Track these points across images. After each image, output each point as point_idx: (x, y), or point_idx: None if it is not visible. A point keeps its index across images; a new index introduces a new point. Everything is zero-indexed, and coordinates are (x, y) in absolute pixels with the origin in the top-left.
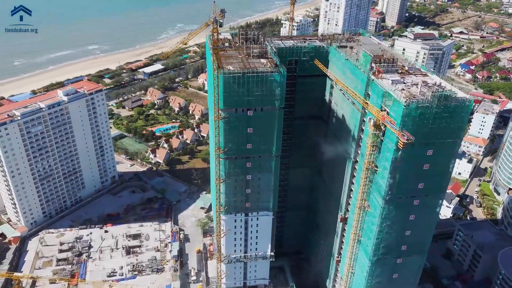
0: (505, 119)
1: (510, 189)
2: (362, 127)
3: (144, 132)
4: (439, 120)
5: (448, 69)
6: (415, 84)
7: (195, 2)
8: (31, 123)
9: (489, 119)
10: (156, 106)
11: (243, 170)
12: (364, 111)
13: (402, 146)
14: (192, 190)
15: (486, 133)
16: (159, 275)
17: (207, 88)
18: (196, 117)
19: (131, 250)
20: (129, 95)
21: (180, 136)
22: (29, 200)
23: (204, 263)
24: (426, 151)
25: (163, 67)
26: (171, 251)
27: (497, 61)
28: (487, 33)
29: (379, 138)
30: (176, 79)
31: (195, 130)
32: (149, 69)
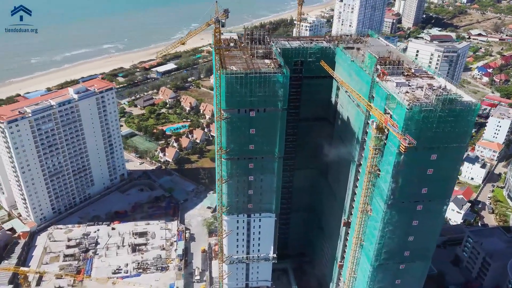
0: None
1: None
2: (366, 130)
3: (155, 130)
4: (444, 124)
5: (464, 72)
6: (420, 87)
7: (210, 2)
8: (41, 120)
9: (504, 124)
10: (167, 105)
11: (245, 171)
12: (368, 114)
13: (403, 150)
14: (199, 190)
15: (501, 138)
16: (163, 273)
17: None
18: (207, 116)
19: (137, 248)
20: (141, 94)
21: (190, 136)
22: (38, 196)
23: (208, 262)
24: (430, 156)
25: (176, 66)
26: (176, 250)
27: None
28: (506, 35)
29: (382, 141)
30: (189, 79)
31: (205, 129)
32: (162, 68)
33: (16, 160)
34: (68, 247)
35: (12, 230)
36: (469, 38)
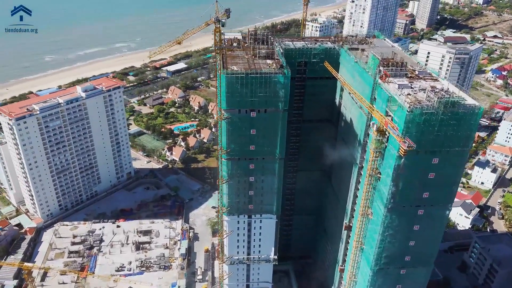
0: None
1: None
2: (368, 132)
3: (163, 129)
4: (446, 127)
5: (478, 74)
6: (423, 89)
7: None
8: (49, 117)
9: None
10: (176, 105)
11: (246, 171)
12: (371, 116)
13: (403, 153)
14: (205, 189)
15: None
16: (166, 272)
17: None
18: (215, 116)
19: (141, 246)
20: (151, 93)
21: (197, 135)
22: (45, 193)
23: (211, 262)
24: (431, 159)
25: (186, 66)
26: (179, 249)
27: None
28: None
29: (383, 144)
30: (198, 78)
31: (213, 129)
32: (172, 67)
33: (24, 156)
34: (73, 243)
35: (19, 225)
36: (484, 40)
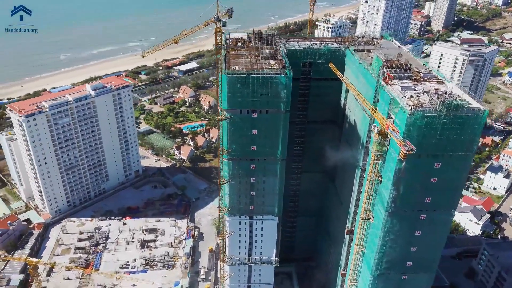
0: None
1: None
2: (371, 135)
3: (172, 128)
4: (448, 131)
5: (494, 77)
6: (426, 92)
7: (238, 2)
8: (58, 115)
9: None
10: (187, 104)
11: (248, 172)
12: (373, 118)
13: (403, 157)
14: (212, 189)
15: None
16: (170, 271)
17: None
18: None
19: (146, 244)
20: (162, 92)
21: (206, 134)
22: (54, 189)
23: (215, 262)
24: (434, 164)
25: (198, 65)
26: (184, 248)
27: None
28: None
29: (385, 147)
30: (210, 78)
31: None
32: (184, 67)
33: (33, 153)
34: (79, 240)
35: (28, 221)
36: (502, 42)
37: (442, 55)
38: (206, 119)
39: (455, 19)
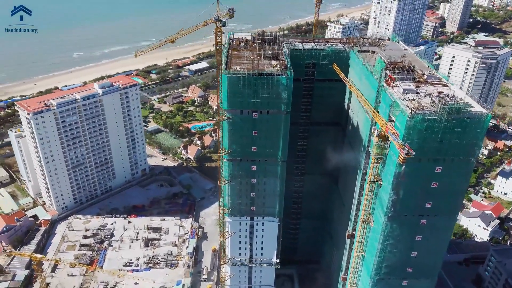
0: None
1: None
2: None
3: (180, 128)
4: (450, 135)
5: (508, 80)
6: (428, 95)
7: (252, 2)
8: (66, 113)
9: None
10: (196, 104)
11: (248, 173)
12: (374, 120)
13: (401, 161)
14: (217, 189)
15: None
16: (172, 270)
17: None
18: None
19: (150, 242)
20: (172, 91)
21: (213, 134)
22: (61, 186)
23: (217, 262)
24: (434, 168)
25: (208, 65)
26: (187, 247)
27: None
28: None
29: (385, 150)
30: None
31: None
32: (194, 66)
33: (41, 150)
34: (84, 237)
35: (35, 217)
36: None
37: (453, 57)
38: (214, 119)
39: (470, 20)
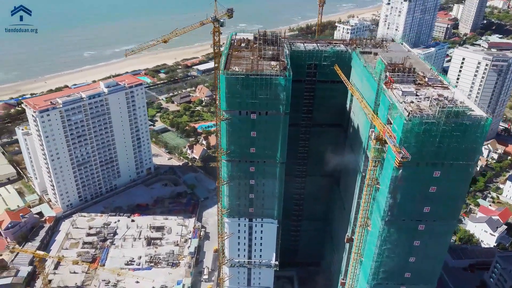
0: None
1: None
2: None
3: (187, 127)
4: (448, 139)
5: None
6: (428, 97)
7: (263, 2)
8: (72, 111)
9: None
10: (203, 103)
11: (247, 174)
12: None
13: (397, 164)
14: None
15: None
16: (173, 269)
17: None
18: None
19: (152, 241)
20: (179, 91)
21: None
22: (66, 184)
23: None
24: (433, 172)
25: (217, 65)
26: (189, 247)
27: None
28: None
29: (383, 153)
30: None
31: None
32: (203, 66)
33: (46, 148)
34: (88, 234)
35: (40, 214)
36: None
37: (463, 59)
38: None
39: (484, 22)
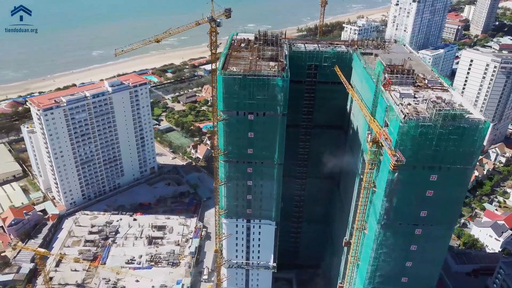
0: None
1: None
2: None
3: (192, 127)
4: (445, 142)
5: None
6: (426, 100)
7: (273, 3)
8: (75, 110)
9: None
10: (209, 103)
11: (244, 175)
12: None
13: (392, 168)
14: None
15: None
16: (174, 269)
17: None
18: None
19: (153, 240)
20: (186, 90)
21: None
22: (69, 182)
23: None
24: (429, 176)
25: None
26: (190, 247)
27: None
28: None
29: (380, 155)
30: None
31: None
32: (209, 66)
33: (50, 146)
34: (90, 233)
35: (44, 211)
36: None
37: (471, 61)
38: None
39: (496, 23)
